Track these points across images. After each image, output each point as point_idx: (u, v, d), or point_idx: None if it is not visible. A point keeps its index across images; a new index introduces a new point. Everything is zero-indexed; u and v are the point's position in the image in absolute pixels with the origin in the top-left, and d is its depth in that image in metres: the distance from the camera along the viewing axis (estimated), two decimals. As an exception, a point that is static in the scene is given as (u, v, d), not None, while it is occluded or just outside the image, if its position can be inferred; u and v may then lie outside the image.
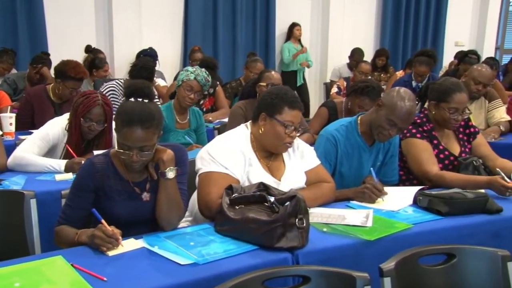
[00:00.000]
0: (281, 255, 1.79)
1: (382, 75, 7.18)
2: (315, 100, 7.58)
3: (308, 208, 2.17)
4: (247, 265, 1.71)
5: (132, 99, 1.88)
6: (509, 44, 9.56)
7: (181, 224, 2.33)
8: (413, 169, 2.78)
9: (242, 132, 2.32)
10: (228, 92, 5.00)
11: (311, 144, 2.69)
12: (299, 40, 7.50)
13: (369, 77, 6.48)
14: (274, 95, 2.25)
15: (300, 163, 2.36)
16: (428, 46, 8.26)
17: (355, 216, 2.16)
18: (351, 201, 2.38)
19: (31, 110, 3.70)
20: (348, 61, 7.10)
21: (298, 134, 2.28)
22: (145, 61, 4.23)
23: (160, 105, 3.98)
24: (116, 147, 1.90)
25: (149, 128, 1.84)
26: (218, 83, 4.73)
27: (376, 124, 2.55)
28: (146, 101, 1.90)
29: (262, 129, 2.24)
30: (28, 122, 3.65)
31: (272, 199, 1.90)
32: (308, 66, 7.53)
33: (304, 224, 1.85)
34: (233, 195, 1.99)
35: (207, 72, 3.58)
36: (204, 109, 4.59)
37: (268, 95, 2.28)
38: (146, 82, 2.14)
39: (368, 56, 7.33)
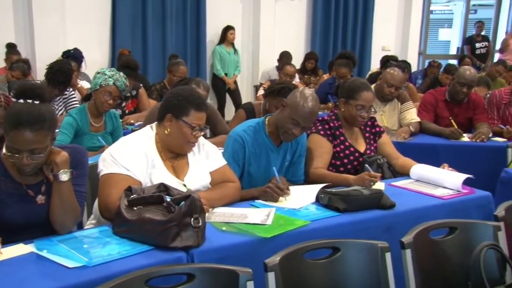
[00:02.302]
0: (175, 255, 1.81)
1: (311, 78, 7.34)
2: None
3: (212, 208, 2.24)
4: (139, 265, 1.71)
5: (22, 100, 1.84)
6: (431, 49, 10.03)
7: (86, 227, 2.31)
8: (305, 163, 2.88)
9: (147, 133, 2.32)
10: (155, 94, 4.97)
11: None
12: (233, 44, 7.51)
13: (298, 80, 6.67)
14: (180, 97, 2.27)
15: (205, 163, 2.39)
16: (357, 50, 8.52)
17: (256, 215, 2.21)
18: (256, 200, 2.43)
19: None
20: (277, 64, 7.21)
21: (202, 133, 2.32)
22: (62, 64, 4.10)
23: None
24: (4, 150, 1.84)
25: (39, 130, 1.80)
26: (141, 85, 4.69)
27: (281, 124, 2.63)
28: (37, 102, 1.86)
29: (168, 130, 2.26)
30: None
31: (168, 199, 1.92)
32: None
33: (200, 223, 1.87)
34: (132, 196, 1.99)
35: (125, 76, 3.54)
36: (127, 111, 4.53)
37: (174, 96, 2.30)
38: (37, 83, 2.10)
39: (300, 60, 7.47)
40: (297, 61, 7.14)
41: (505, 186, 3.14)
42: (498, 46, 9.98)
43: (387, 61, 6.06)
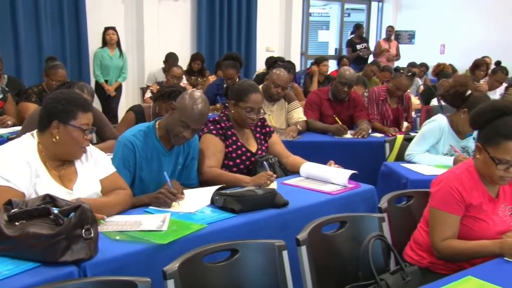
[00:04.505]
0: (66, 270, 1.70)
1: (199, 79, 7.32)
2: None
3: (105, 217, 2.14)
4: (25, 285, 1.59)
5: None
6: (312, 50, 10.49)
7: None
8: (198, 162, 2.87)
9: (27, 142, 2.16)
10: (33, 97, 4.66)
11: None
12: (118, 47, 7.07)
13: (185, 81, 6.62)
14: (63, 101, 2.15)
15: (94, 171, 2.28)
16: (242, 51, 8.64)
17: (151, 221, 2.15)
18: (150, 206, 2.36)
19: None
20: (163, 65, 7.09)
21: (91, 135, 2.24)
22: None
23: None
24: None
25: None
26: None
27: (171, 128, 2.58)
28: None
29: (57, 138, 2.13)
30: None
31: (56, 211, 1.80)
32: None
33: (92, 234, 1.78)
34: (13, 210, 1.84)
35: None
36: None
37: (56, 101, 2.16)
38: None
39: (186, 61, 7.41)
40: (183, 62, 7.09)
41: (385, 178, 3.36)
42: (371, 47, 10.71)
43: (275, 62, 6.22)
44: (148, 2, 7.66)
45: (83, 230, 1.76)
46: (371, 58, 9.81)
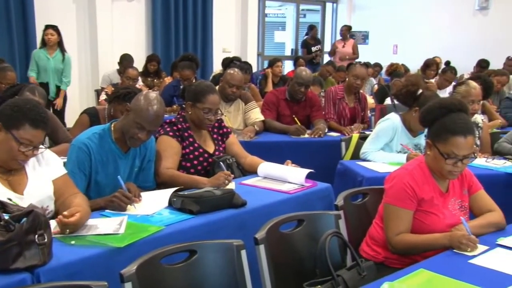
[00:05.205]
0: (18, 277, 1.66)
1: (155, 80, 7.24)
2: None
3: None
4: (-25, 294, 1.54)
5: None
6: (268, 51, 10.55)
7: None
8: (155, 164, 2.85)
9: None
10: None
11: None
12: (60, 49, 6.37)
13: (141, 83, 6.54)
14: (16, 107, 2.08)
15: (46, 172, 2.22)
16: (199, 52, 8.60)
17: (108, 224, 2.12)
18: (106, 210, 2.33)
19: None
20: (118, 67, 6.98)
21: (37, 152, 2.15)
22: None
23: None
24: None
25: None
26: None
27: (126, 129, 2.55)
28: None
29: None
30: None
31: (6, 216, 1.75)
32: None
33: (46, 240, 1.74)
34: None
35: None
36: None
37: (10, 105, 2.10)
38: None
39: (142, 62, 7.32)
40: (138, 63, 6.99)
41: (341, 177, 3.42)
42: (325, 48, 10.88)
43: (231, 61, 6.22)
44: (100, 2, 7.52)
45: (36, 236, 1.72)
46: (326, 59, 9.96)
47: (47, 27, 6.27)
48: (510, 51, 8.42)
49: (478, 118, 3.89)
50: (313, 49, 9.96)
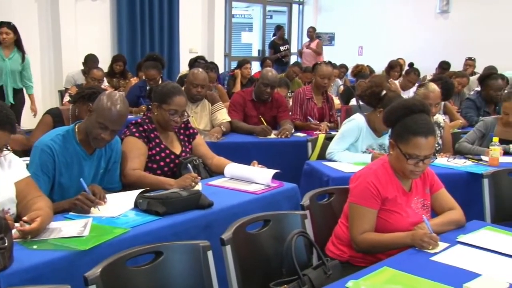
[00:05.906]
0: (-22, 282, 1.62)
1: (121, 81, 7.15)
2: (51, 109, 7.09)
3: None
4: None
5: None
6: (235, 51, 10.56)
7: None
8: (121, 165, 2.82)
9: None
10: None
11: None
12: (18, 47, 5.83)
13: (106, 84, 6.45)
14: None
15: (8, 174, 2.16)
16: (165, 53, 8.54)
17: (72, 227, 2.09)
18: (70, 212, 2.29)
19: None
20: (82, 67, 6.87)
21: (1, 155, 2.09)
22: None
23: None
24: None
25: None
26: None
27: (89, 130, 2.52)
28: None
29: None
30: None
31: (-34, 221, 1.71)
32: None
33: (6, 244, 1.70)
34: None
35: None
36: None
37: None
38: None
39: (107, 63, 7.21)
40: (103, 64, 6.89)
41: (307, 177, 3.45)
42: (293, 49, 10.96)
43: (195, 60, 6.19)
44: (63, 1, 7.38)
45: (-3, 240, 1.68)
46: (293, 60, 10.03)
47: (1, 24, 5.68)
48: (470, 52, 8.68)
49: (440, 118, 3.99)
50: (282, 48, 10.01)
